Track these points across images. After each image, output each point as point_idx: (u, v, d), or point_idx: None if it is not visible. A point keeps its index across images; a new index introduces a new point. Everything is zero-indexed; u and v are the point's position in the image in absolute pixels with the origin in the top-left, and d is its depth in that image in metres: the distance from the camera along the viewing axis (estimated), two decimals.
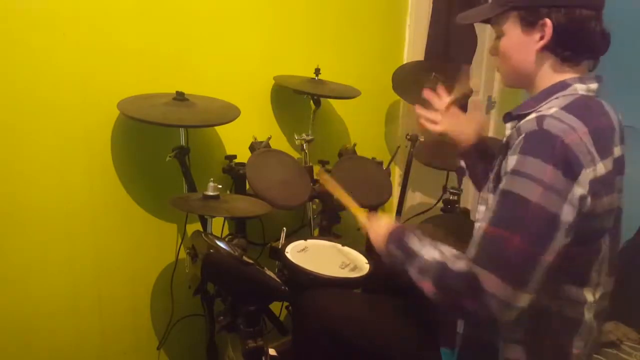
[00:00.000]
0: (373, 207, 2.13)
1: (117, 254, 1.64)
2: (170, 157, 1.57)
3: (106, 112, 1.53)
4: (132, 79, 1.57)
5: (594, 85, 0.98)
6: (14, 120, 1.38)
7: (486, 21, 1.11)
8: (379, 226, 1.17)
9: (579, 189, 0.86)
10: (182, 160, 1.60)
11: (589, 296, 0.96)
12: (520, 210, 0.86)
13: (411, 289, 1.01)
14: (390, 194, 2.09)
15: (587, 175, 0.86)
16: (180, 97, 1.54)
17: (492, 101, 2.99)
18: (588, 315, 0.97)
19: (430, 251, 0.99)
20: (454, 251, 0.97)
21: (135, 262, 1.69)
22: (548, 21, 0.95)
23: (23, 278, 1.47)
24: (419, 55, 2.47)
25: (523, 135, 0.89)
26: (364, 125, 2.37)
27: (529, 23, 0.98)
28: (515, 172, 0.88)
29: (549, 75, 1.00)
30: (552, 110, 0.91)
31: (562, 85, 0.98)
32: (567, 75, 0.99)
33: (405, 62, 2.46)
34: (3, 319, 1.44)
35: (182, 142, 1.61)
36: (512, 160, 0.89)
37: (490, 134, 3.04)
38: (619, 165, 0.97)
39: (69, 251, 1.54)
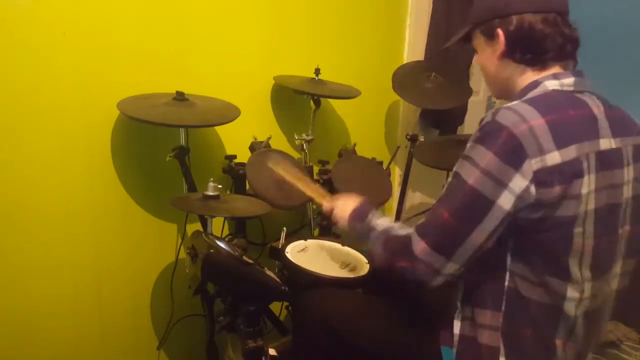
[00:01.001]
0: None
1: (117, 254, 1.64)
2: (170, 157, 1.57)
3: (106, 112, 1.53)
4: (132, 79, 1.57)
5: (568, 80, 1.00)
6: (14, 120, 1.39)
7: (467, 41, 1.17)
8: (345, 204, 1.27)
9: (521, 178, 0.89)
10: (182, 160, 1.60)
11: (572, 292, 0.97)
12: (456, 189, 0.96)
13: (411, 288, 1.02)
14: (390, 194, 2.09)
15: (531, 165, 0.89)
16: (180, 97, 1.54)
17: (492, 101, 2.99)
18: (573, 312, 0.98)
19: (386, 221, 1.13)
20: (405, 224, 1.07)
21: (135, 262, 1.69)
22: (499, 31, 1.03)
23: (23, 278, 1.47)
24: (419, 55, 2.47)
25: (479, 125, 0.96)
26: (364, 125, 2.37)
27: (488, 36, 1.07)
28: (463, 156, 0.96)
29: (516, 80, 1.06)
30: (512, 103, 0.96)
31: (533, 85, 1.02)
32: (537, 77, 1.03)
33: (405, 62, 2.46)
34: (3, 319, 1.45)
35: (182, 142, 1.61)
36: (467, 146, 0.97)
37: None
38: (608, 158, 0.96)
39: (69, 251, 1.54)
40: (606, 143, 0.97)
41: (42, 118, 1.43)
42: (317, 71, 1.96)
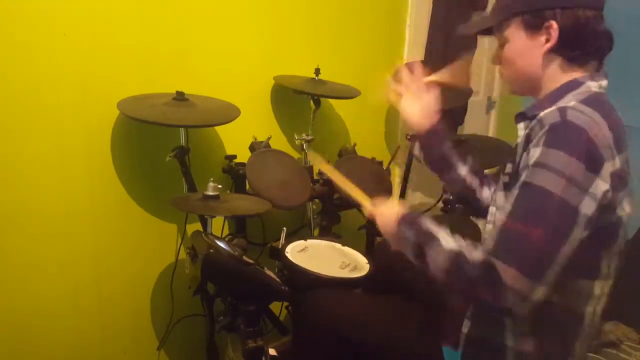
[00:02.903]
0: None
1: (117, 254, 1.64)
2: (170, 157, 1.57)
3: (106, 112, 1.53)
4: (132, 79, 1.57)
5: (604, 82, 0.98)
6: (14, 120, 1.38)
7: (485, 32, 1.11)
8: (388, 210, 1.13)
9: (602, 183, 0.85)
10: (182, 160, 1.60)
11: (597, 289, 0.96)
12: (542, 203, 0.85)
13: (411, 288, 1.01)
14: (390, 194, 2.09)
15: (608, 168, 0.86)
16: (180, 97, 1.54)
17: (492, 101, 2.99)
18: (592, 309, 0.97)
19: (447, 236, 0.97)
20: (469, 241, 0.95)
21: (135, 262, 1.69)
22: (554, 23, 0.95)
23: (23, 278, 1.47)
24: (419, 55, 2.47)
25: (547, 127, 0.87)
26: (364, 125, 2.37)
27: (534, 27, 0.98)
28: (538, 164, 0.86)
29: (557, 77, 1.00)
30: (572, 104, 0.90)
31: (576, 84, 0.97)
32: (576, 75, 0.99)
33: (405, 62, 2.46)
34: (3, 319, 1.44)
35: (182, 142, 1.61)
36: (535, 153, 0.88)
37: (490, 134, 3.04)
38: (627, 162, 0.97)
39: (69, 251, 1.54)
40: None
41: (42, 118, 1.43)
42: (317, 71, 1.96)
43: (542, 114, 0.91)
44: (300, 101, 1.97)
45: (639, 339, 2.20)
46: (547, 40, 0.97)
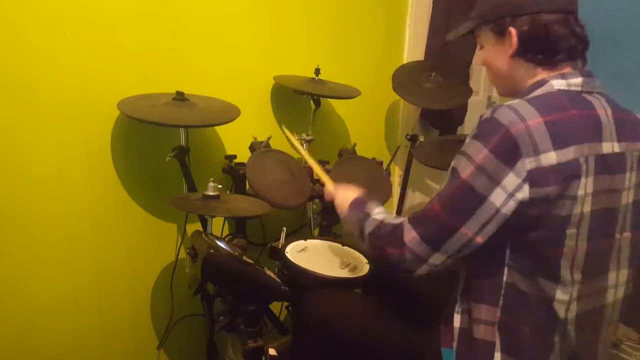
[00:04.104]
0: None
1: (117, 254, 1.64)
2: (170, 157, 1.57)
3: (106, 112, 1.53)
4: (132, 79, 1.57)
5: (576, 80, 0.99)
6: (14, 120, 1.38)
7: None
8: (345, 194, 1.31)
9: (514, 177, 0.90)
10: (182, 160, 1.60)
11: (561, 295, 0.96)
12: (451, 183, 0.98)
13: (411, 289, 1.02)
14: (390, 194, 2.09)
15: (525, 164, 0.89)
16: (180, 97, 1.54)
17: (491, 101, 2.99)
18: (563, 314, 0.97)
19: (380, 213, 1.15)
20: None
21: (135, 262, 1.69)
22: (512, 30, 1.02)
23: (23, 278, 1.47)
24: (419, 55, 2.47)
25: (478, 120, 0.96)
26: (364, 125, 2.37)
27: (499, 33, 1.05)
28: (460, 151, 0.97)
29: (526, 79, 1.05)
30: (511, 102, 0.95)
31: (539, 83, 1.02)
32: (544, 75, 1.02)
33: (405, 62, 2.46)
34: (3, 319, 1.45)
35: (182, 142, 1.61)
36: (465, 142, 0.98)
37: None
38: (608, 162, 0.96)
39: (69, 251, 1.54)
40: (609, 147, 0.96)
41: (42, 118, 1.43)
42: (317, 71, 1.96)
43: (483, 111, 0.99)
44: (300, 101, 1.98)
45: (639, 339, 2.20)
46: (510, 46, 1.03)
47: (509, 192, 0.91)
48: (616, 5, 2.42)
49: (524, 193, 0.90)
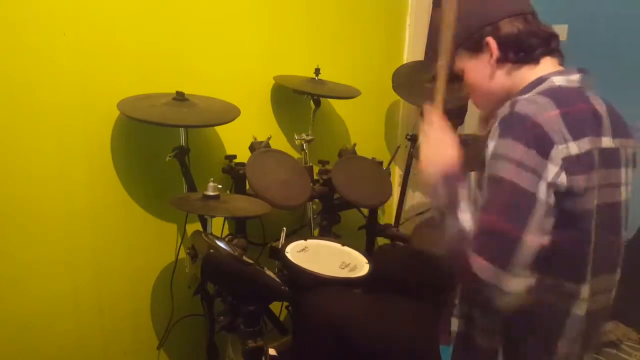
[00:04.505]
0: (374, 207, 2.13)
1: (117, 254, 1.64)
2: (170, 157, 1.57)
3: (106, 112, 1.53)
4: (132, 79, 1.57)
5: (574, 76, 1.01)
6: (14, 120, 1.38)
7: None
8: (443, 150, 1.05)
9: (552, 166, 0.88)
10: (182, 160, 1.60)
11: (584, 292, 0.96)
12: (497, 190, 0.89)
13: (411, 288, 1.01)
14: (390, 194, 2.09)
15: (559, 152, 0.88)
16: (180, 97, 1.54)
17: None
18: (579, 312, 0.97)
19: (465, 211, 0.94)
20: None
21: (135, 262, 1.69)
22: (489, 39, 1.04)
23: (23, 278, 1.47)
24: (419, 55, 2.47)
25: (498, 120, 0.93)
26: (364, 125, 2.37)
27: (476, 49, 1.07)
28: (493, 156, 0.91)
29: (518, 81, 1.05)
30: (526, 95, 0.96)
31: (539, 81, 1.02)
32: (538, 73, 1.03)
33: (405, 62, 2.46)
34: (3, 319, 1.44)
35: (182, 142, 1.61)
36: (490, 146, 0.92)
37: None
38: (608, 157, 0.96)
39: (68, 251, 1.54)
40: (607, 141, 0.97)
41: (42, 118, 1.43)
42: (317, 71, 1.96)
43: (499, 110, 0.96)
44: (300, 101, 1.98)
45: (639, 339, 2.20)
46: (492, 55, 1.05)
47: (549, 182, 0.87)
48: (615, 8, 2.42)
49: (562, 182, 0.88)
